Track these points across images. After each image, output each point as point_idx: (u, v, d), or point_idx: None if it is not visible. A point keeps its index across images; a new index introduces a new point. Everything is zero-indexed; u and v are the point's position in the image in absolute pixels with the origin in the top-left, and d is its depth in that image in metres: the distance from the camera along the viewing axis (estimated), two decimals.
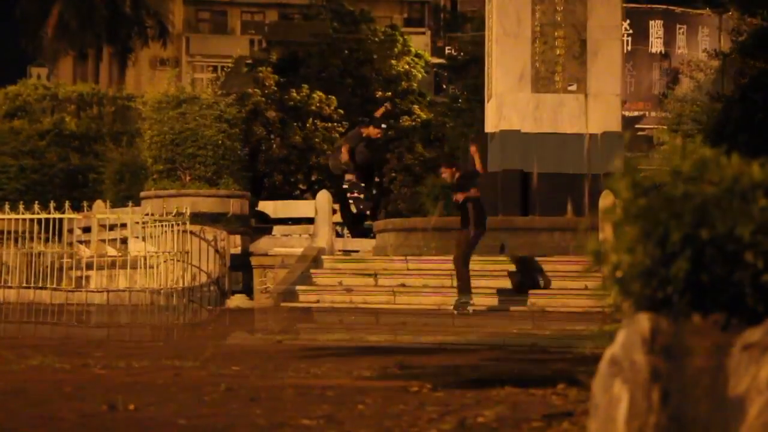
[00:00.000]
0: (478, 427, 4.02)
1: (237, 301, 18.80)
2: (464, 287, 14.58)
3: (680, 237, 2.52)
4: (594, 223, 15.47)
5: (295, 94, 39.77)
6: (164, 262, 18.22)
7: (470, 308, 13.86)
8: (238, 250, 20.63)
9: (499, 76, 20.89)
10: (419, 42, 53.00)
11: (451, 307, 14.39)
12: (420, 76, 42.08)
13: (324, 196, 20.69)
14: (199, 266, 19.00)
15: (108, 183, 26.18)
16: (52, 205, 18.95)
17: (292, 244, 25.79)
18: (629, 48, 41.19)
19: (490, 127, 21.65)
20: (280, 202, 31.44)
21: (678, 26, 43.48)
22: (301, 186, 42.51)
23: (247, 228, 21.94)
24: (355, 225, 45.15)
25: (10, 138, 27.62)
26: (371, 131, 16.84)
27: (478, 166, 15.71)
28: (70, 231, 20.81)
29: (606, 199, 15.99)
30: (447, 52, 50.66)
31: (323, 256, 19.04)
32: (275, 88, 40.09)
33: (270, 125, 39.99)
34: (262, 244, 21.60)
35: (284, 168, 39.78)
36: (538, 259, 17.66)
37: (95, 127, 32.73)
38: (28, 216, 18.99)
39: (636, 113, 37.67)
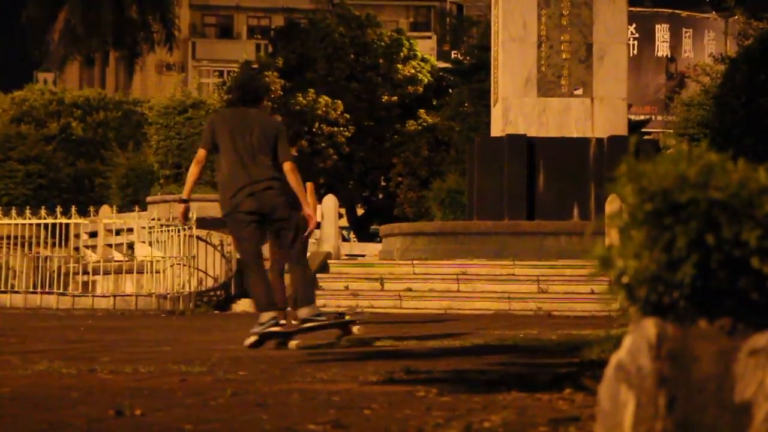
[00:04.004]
0: None
1: (243, 305, 18.81)
2: None
3: (686, 242, 2.52)
4: (600, 227, 15.49)
5: (301, 99, 39.81)
6: (171, 266, 18.25)
7: None
8: None
9: (506, 80, 20.92)
10: (425, 46, 53.08)
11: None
12: (426, 80, 42.11)
13: (330, 200, 20.70)
14: (205, 271, 19.03)
15: (114, 188, 26.23)
16: (58, 210, 19.03)
17: None
18: (635, 52, 41.19)
19: (496, 131, 21.68)
20: None
21: (684, 30, 43.50)
22: None
23: None
24: (362, 229, 45.20)
25: (16, 143, 27.68)
26: None
27: None
28: (77, 236, 20.85)
29: (612, 204, 16.00)
30: (453, 56, 50.72)
31: (329, 261, 19.06)
32: (281, 93, 40.13)
33: None
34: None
35: None
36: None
37: (102, 132, 32.80)
38: (34, 221, 19.05)
39: (642, 117, 37.68)
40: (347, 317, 9.49)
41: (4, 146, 27.42)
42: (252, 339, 8.59)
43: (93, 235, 21.34)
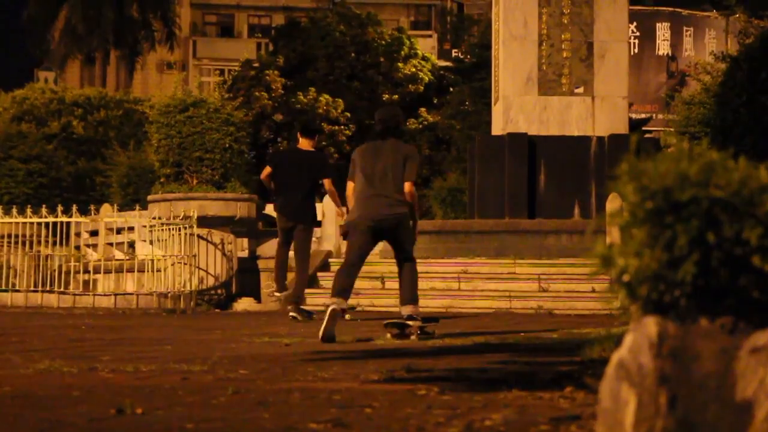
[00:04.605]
0: (486, 431, 4.03)
1: (244, 304, 18.83)
2: None
3: (687, 241, 2.52)
4: (601, 226, 15.47)
5: (302, 97, 39.81)
6: (171, 265, 18.25)
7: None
8: (245, 254, 20.66)
9: (506, 78, 20.91)
10: (426, 45, 53.11)
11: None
12: (427, 79, 42.10)
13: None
14: (206, 269, 19.04)
15: (115, 186, 26.21)
16: (59, 208, 19.02)
17: None
18: (636, 50, 41.20)
19: (496, 129, 21.67)
20: None
21: (685, 28, 43.49)
22: None
23: (255, 231, 21.95)
24: None
25: (17, 142, 27.67)
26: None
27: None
28: (78, 234, 20.86)
29: (613, 203, 16.00)
30: (454, 54, 50.71)
31: (330, 260, 19.07)
32: (282, 91, 40.12)
33: (277, 128, 40.03)
34: (270, 247, 21.62)
35: None
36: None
37: (102, 131, 32.79)
38: (35, 219, 19.05)
39: (643, 115, 37.66)
40: (427, 328, 10.27)
41: (5, 145, 27.41)
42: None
43: (94, 233, 21.34)
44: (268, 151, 39.75)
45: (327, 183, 14.17)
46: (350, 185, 10.50)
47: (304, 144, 14.31)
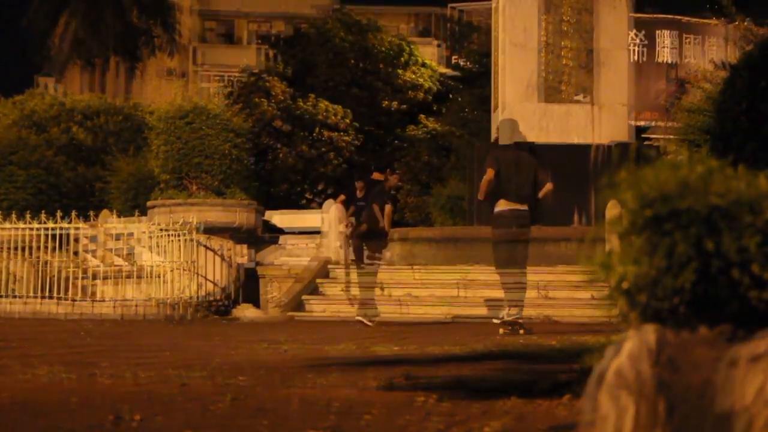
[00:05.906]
0: None
1: (244, 310, 18.81)
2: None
3: (686, 248, 2.52)
4: (601, 233, 15.44)
5: (302, 104, 39.81)
6: (171, 271, 18.24)
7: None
8: (245, 260, 20.64)
9: (507, 86, 20.89)
10: (427, 52, 53.11)
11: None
12: (427, 85, 42.11)
13: (330, 205, 20.65)
14: (206, 276, 19.03)
15: (116, 193, 26.20)
16: (59, 215, 19.01)
17: (299, 254, 25.69)
18: (636, 58, 41.21)
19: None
20: (287, 212, 31.37)
21: (685, 36, 43.48)
22: (308, 195, 42.53)
23: (255, 237, 21.94)
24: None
25: (17, 147, 27.66)
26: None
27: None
28: (78, 241, 20.85)
29: (612, 210, 15.98)
30: (454, 61, 50.72)
31: (330, 266, 19.05)
32: (282, 98, 40.12)
33: (277, 135, 40.04)
34: (270, 254, 21.62)
35: (291, 177, 39.81)
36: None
37: (103, 137, 32.79)
38: (36, 226, 19.04)
39: (643, 123, 37.63)
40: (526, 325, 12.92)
41: (5, 151, 27.41)
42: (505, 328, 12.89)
43: (94, 240, 21.33)
44: (267, 158, 39.78)
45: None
46: (491, 172, 12.79)
47: (376, 176, 18.02)
